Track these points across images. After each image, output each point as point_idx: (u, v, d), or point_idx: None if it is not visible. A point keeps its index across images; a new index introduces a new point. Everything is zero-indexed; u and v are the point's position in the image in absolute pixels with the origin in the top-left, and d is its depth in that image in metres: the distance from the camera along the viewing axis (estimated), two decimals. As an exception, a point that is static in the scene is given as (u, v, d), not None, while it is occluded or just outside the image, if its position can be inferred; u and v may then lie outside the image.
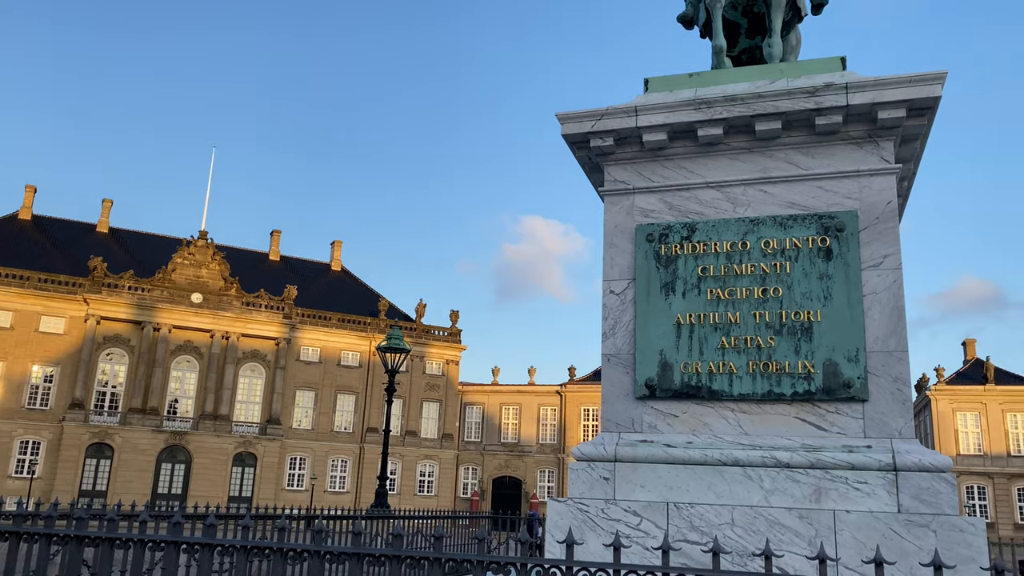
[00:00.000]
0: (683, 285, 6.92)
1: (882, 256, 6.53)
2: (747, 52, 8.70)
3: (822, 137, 6.83)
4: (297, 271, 79.08)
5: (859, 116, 6.64)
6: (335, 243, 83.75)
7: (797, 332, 6.53)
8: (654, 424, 6.77)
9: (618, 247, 7.28)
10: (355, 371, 72.29)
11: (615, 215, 7.36)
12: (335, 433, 70.78)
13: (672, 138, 7.17)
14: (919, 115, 6.58)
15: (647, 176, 7.34)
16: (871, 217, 6.61)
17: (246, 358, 68.09)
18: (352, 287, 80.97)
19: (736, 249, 6.84)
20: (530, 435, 76.21)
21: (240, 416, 67.29)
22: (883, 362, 6.34)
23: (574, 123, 7.38)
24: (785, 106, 6.72)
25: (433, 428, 74.67)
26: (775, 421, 6.48)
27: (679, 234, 7.04)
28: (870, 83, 6.50)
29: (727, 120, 6.91)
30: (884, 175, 6.67)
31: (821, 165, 6.85)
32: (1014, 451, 62.49)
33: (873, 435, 6.21)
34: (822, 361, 6.41)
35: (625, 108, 7.19)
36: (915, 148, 6.99)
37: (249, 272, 73.40)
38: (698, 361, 6.72)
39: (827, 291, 6.53)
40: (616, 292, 7.20)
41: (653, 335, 6.90)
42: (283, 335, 69.06)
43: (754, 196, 6.99)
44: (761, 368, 6.54)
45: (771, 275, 6.70)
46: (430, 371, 75.14)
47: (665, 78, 7.55)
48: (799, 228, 6.73)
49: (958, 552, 5.59)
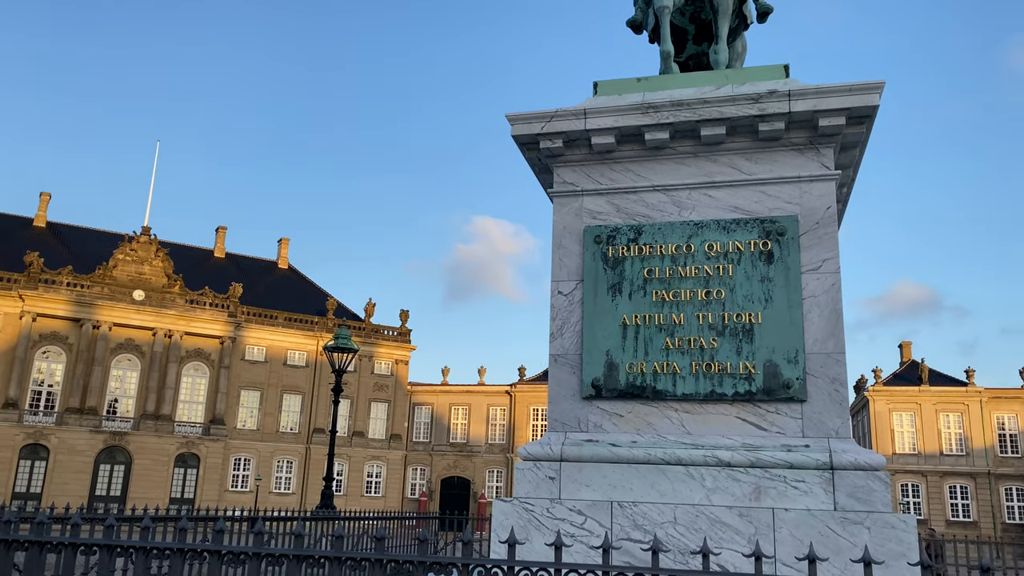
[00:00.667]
0: (629, 286, 7.00)
1: (821, 260, 6.70)
2: (694, 58, 8.87)
3: (765, 143, 6.98)
4: (243, 269, 77.68)
5: (801, 123, 6.81)
6: (282, 240, 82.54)
7: (739, 334, 6.66)
8: (600, 424, 6.83)
9: (566, 248, 7.33)
10: (302, 371, 71.33)
11: (564, 216, 7.41)
12: (281, 434, 69.74)
13: (620, 141, 7.25)
14: (858, 123, 6.77)
15: (595, 178, 7.40)
16: (811, 222, 6.78)
17: (189, 357, 66.66)
18: (299, 285, 79.87)
19: (681, 252, 6.94)
20: (479, 435, 76.17)
21: (183, 416, 65.85)
22: (821, 363, 6.50)
23: (524, 124, 7.41)
24: (730, 112, 6.85)
25: (381, 428, 74.09)
26: (717, 421, 6.59)
27: (626, 236, 7.12)
28: (811, 91, 6.67)
29: (673, 125, 7.02)
30: (824, 181, 6.84)
31: (763, 170, 7.00)
32: (946, 450, 64.64)
33: (811, 435, 6.37)
34: (763, 362, 6.55)
35: (574, 111, 7.25)
36: (854, 155, 7.19)
37: (193, 269, 71.84)
38: (643, 361, 6.80)
39: (768, 294, 6.68)
40: (564, 293, 7.25)
41: (600, 336, 6.96)
42: (228, 334, 67.78)
43: (699, 200, 7.11)
44: (704, 369, 6.65)
45: (714, 277, 6.82)
46: (379, 371, 74.54)
47: (614, 82, 7.63)
48: (742, 232, 6.86)
49: (890, 548, 5.76)
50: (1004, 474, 62.96)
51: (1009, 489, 62.90)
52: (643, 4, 8.73)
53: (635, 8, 8.87)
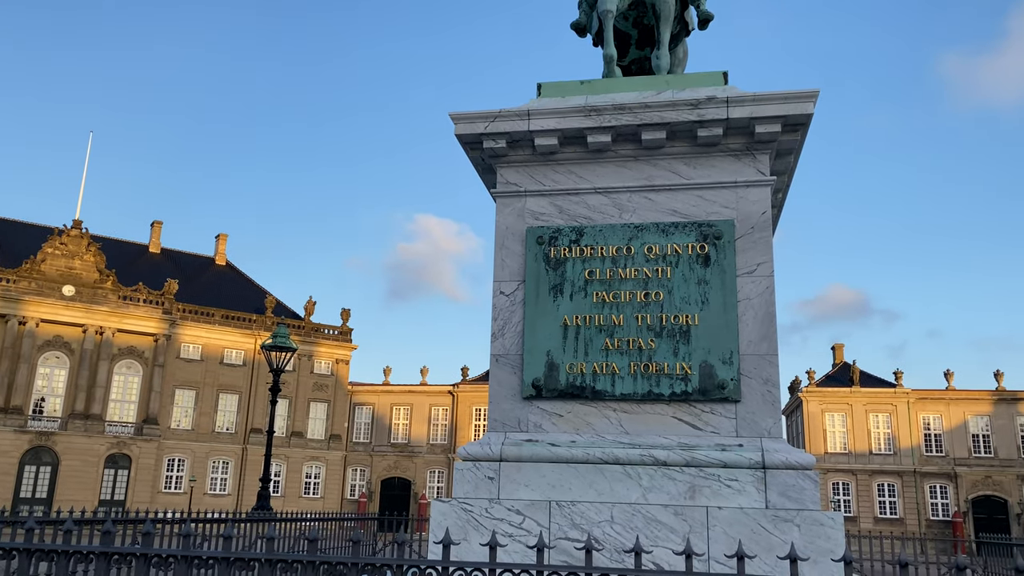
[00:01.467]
0: (571, 287, 7.05)
1: (756, 264, 6.85)
2: (637, 62, 8.98)
3: (703, 148, 7.10)
4: (179, 264, 75.76)
5: (738, 129, 6.95)
6: (220, 236, 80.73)
7: (676, 335, 6.76)
8: (540, 424, 6.86)
9: (509, 249, 7.34)
10: (239, 370, 69.90)
11: (507, 217, 7.42)
12: (216, 434, 68.21)
13: (563, 143, 7.29)
14: (793, 130, 6.95)
15: (538, 179, 7.43)
16: (747, 226, 6.93)
17: (122, 355, 64.70)
18: (238, 282, 78.25)
19: (621, 254, 7.02)
20: (421, 435, 75.76)
21: (114, 416, 63.87)
22: (755, 364, 6.65)
23: (467, 124, 7.39)
24: (670, 117, 6.96)
25: (320, 429, 73.08)
26: (654, 421, 6.68)
27: (568, 237, 7.17)
28: (749, 98, 6.82)
29: (615, 128, 7.09)
30: (759, 187, 7.00)
31: (701, 175, 7.13)
32: (875, 449, 66.79)
33: (745, 434, 6.50)
34: (699, 363, 6.67)
35: (518, 111, 7.26)
36: (789, 162, 7.37)
37: (127, 265, 69.76)
38: (583, 362, 6.85)
39: (705, 296, 6.80)
40: (506, 293, 7.26)
41: (541, 336, 6.99)
42: (162, 331, 66.01)
43: (639, 203, 7.20)
44: (642, 369, 6.73)
45: (653, 280, 6.92)
46: (319, 370, 73.51)
47: (557, 84, 7.67)
48: (680, 235, 6.98)
49: (818, 545, 5.92)
50: (929, 472, 65.36)
51: (933, 487, 65.33)
52: (587, 8, 8.81)
53: (579, 11, 8.95)
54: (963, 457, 65.16)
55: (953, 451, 65.47)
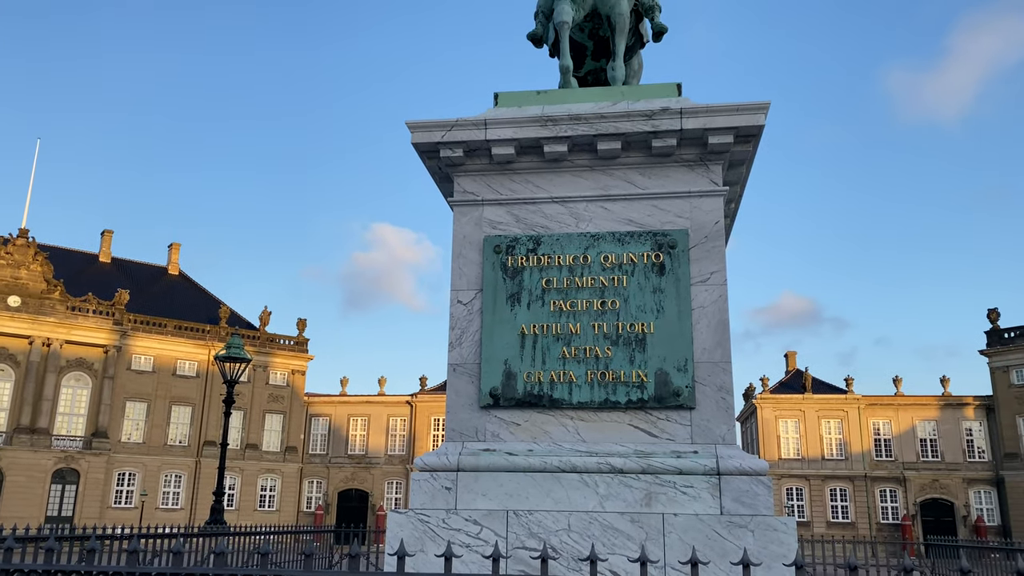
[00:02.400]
0: (528, 296, 7.07)
1: (709, 272, 6.95)
2: (593, 73, 9.08)
3: (658, 159, 7.19)
4: (131, 274, 74.12)
5: (691, 140, 7.06)
6: (173, 245, 79.22)
7: (632, 343, 6.82)
8: (497, 433, 6.85)
9: (466, 257, 7.34)
10: (192, 381, 68.55)
11: (464, 226, 7.42)
12: (169, 447, 66.74)
13: (520, 153, 7.32)
14: (745, 141, 7.08)
15: (496, 188, 7.44)
16: (700, 236, 7.03)
17: (70, 367, 63.02)
18: (191, 292, 76.83)
19: (578, 262, 7.07)
20: (379, 446, 75.07)
21: (62, 429, 62.11)
22: (709, 372, 6.73)
23: (424, 132, 7.38)
24: (625, 127, 7.04)
25: (276, 441, 71.97)
26: (611, 428, 6.72)
27: (525, 246, 7.19)
28: (702, 110, 6.93)
29: (571, 138, 7.15)
30: (713, 196, 7.11)
31: (656, 185, 7.22)
32: (827, 455, 68.01)
33: (699, 441, 6.58)
34: (654, 371, 6.73)
35: (475, 121, 7.27)
36: (741, 172, 7.50)
37: (76, 274, 68.04)
38: (540, 370, 6.87)
39: (660, 304, 6.87)
40: (464, 302, 7.25)
41: (498, 345, 6.99)
42: (113, 342, 64.47)
43: (595, 212, 7.25)
44: (599, 377, 6.77)
45: (609, 288, 6.97)
46: (274, 381, 72.44)
47: (514, 93, 7.71)
48: (635, 244, 7.05)
49: (772, 550, 6.00)
50: (879, 477, 66.76)
51: (883, 491, 66.73)
52: (544, 19, 8.89)
53: (536, 22, 9.02)
54: (912, 461, 66.70)
55: (902, 456, 67.00)
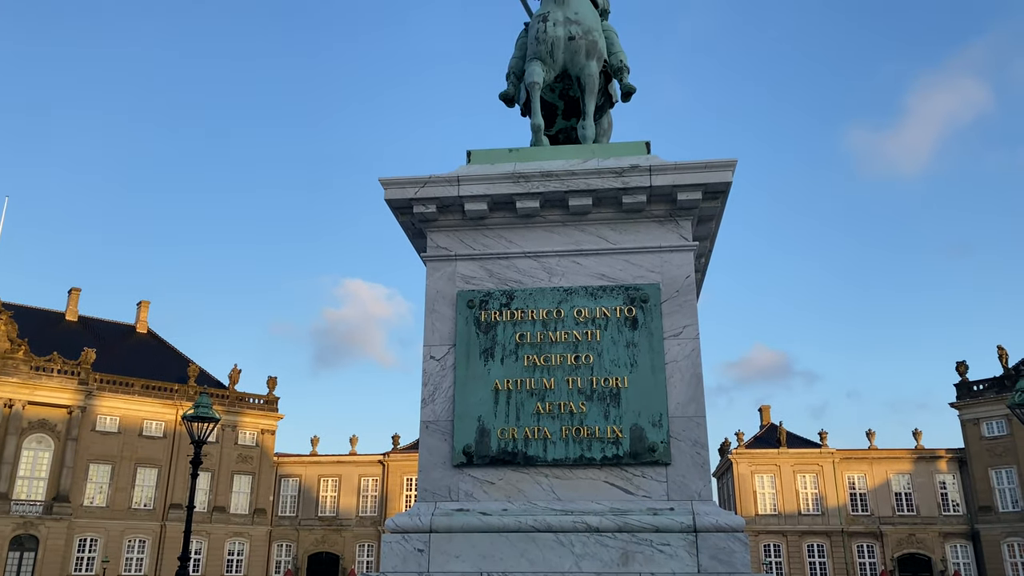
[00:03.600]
0: (502, 351, 7.04)
1: (682, 327, 6.99)
2: (564, 132, 9.28)
3: (629, 214, 7.29)
4: (98, 333, 72.82)
5: (661, 196, 7.17)
6: (142, 303, 78.20)
7: (606, 398, 6.79)
8: (471, 492, 6.74)
9: (439, 313, 7.32)
10: (159, 442, 66.93)
11: (437, 281, 7.42)
12: (133, 510, 64.73)
13: (493, 208, 7.38)
14: (713, 198, 7.21)
15: (469, 244, 7.48)
16: (672, 290, 7.09)
17: (32, 428, 61.29)
18: (159, 351, 75.58)
19: (551, 317, 7.08)
20: (350, 507, 73.45)
21: (21, 494, 60.05)
22: (684, 427, 6.71)
23: (397, 189, 7.43)
24: (596, 184, 7.15)
25: (244, 503, 70.13)
26: (586, 486, 6.64)
27: (498, 301, 7.19)
28: (671, 167, 7.07)
29: (544, 194, 7.23)
30: (683, 251, 7.20)
31: (628, 240, 7.30)
32: (804, 510, 67.71)
33: (676, 498, 6.51)
34: (629, 426, 6.69)
35: (448, 177, 7.34)
36: (711, 227, 7.62)
37: (41, 333, 66.68)
38: (515, 427, 6.80)
39: (633, 359, 6.88)
40: (437, 358, 7.20)
41: (472, 401, 6.93)
42: (77, 403, 62.95)
43: (568, 267, 7.30)
44: (574, 433, 6.71)
45: (583, 343, 6.97)
46: (243, 441, 70.93)
47: (487, 151, 7.82)
48: (608, 298, 7.08)
49: (750, 608, 5.91)
50: (856, 531, 66.47)
51: (860, 546, 66.36)
52: (515, 80, 9.10)
53: (508, 83, 9.23)
54: (887, 516, 66.58)
55: (878, 510, 66.89)
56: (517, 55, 9.18)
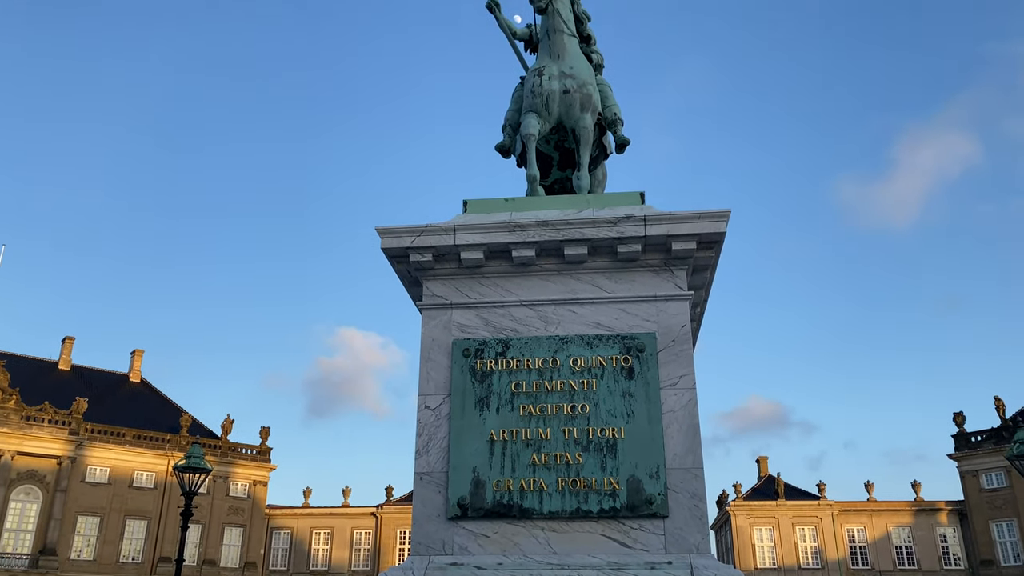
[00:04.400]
0: (497, 401, 7.00)
1: (679, 376, 6.96)
2: (559, 182, 9.40)
3: (624, 263, 7.33)
4: (90, 382, 72.27)
5: (656, 246, 7.22)
6: (136, 352, 77.78)
7: (603, 449, 6.73)
8: (465, 546, 6.63)
9: (435, 361, 7.29)
10: (149, 493, 65.90)
11: (432, 329, 7.41)
12: (121, 564, 63.39)
13: (488, 257, 7.41)
14: (708, 248, 7.26)
15: (464, 292, 7.49)
16: (668, 339, 7.08)
17: (21, 479, 60.35)
18: (152, 400, 74.94)
19: (547, 366, 7.05)
20: (342, 561, 72.05)
21: (7, 547, 58.85)
22: (681, 479, 6.63)
23: (393, 238, 7.47)
24: (591, 233, 7.20)
25: (235, 556, 68.76)
26: (583, 539, 6.53)
27: (494, 350, 7.17)
28: (665, 217, 7.13)
29: (539, 243, 7.27)
30: (678, 301, 7.22)
31: (623, 289, 7.32)
32: (803, 563, 66.58)
33: (673, 551, 6.40)
34: (626, 478, 6.62)
35: (444, 226, 7.39)
36: (706, 277, 7.65)
37: (33, 382, 66.12)
38: (510, 479, 6.72)
39: (630, 409, 6.83)
40: (431, 407, 7.15)
41: (467, 452, 6.86)
42: (67, 453, 62.12)
43: (564, 315, 7.30)
44: (570, 485, 6.63)
45: (579, 392, 6.94)
46: (234, 493, 69.87)
47: (483, 201, 7.89)
48: (604, 347, 7.07)
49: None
50: (857, 586, 65.31)
51: (862, 601, 65.17)
52: (511, 131, 9.26)
53: (504, 134, 9.37)
54: (888, 570, 65.49)
55: (879, 563, 65.80)
56: (513, 108, 9.35)
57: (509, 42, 9.71)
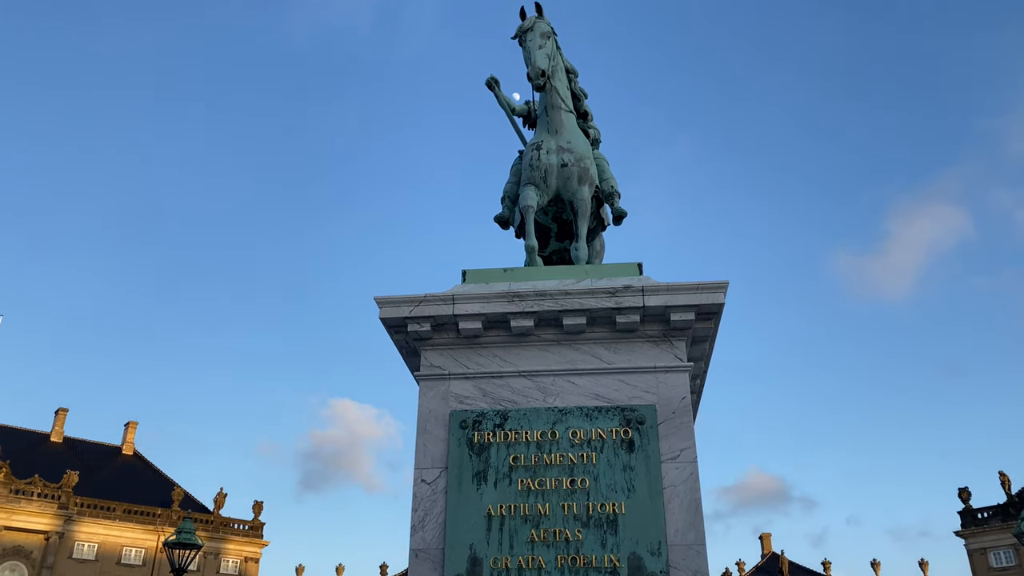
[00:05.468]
0: (495, 474, 6.87)
1: (679, 450, 6.85)
2: (557, 253, 9.49)
3: (623, 334, 7.30)
4: (82, 455, 71.18)
5: (655, 317, 7.21)
6: (129, 424, 76.87)
7: (603, 525, 6.57)
8: (461, 627, 6.40)
9: (432, 434, 7.19)
10: (137, 570, 64.10)
11: (430, 400, 7.33)
12: (105, 645, 61.27)
13: (487, 327, 7.39)
14: (707, 319, 7.24)
15: (463, 363, 7.44)
16: (668, 411, 7.00)
17: (6, 555, 58.81)
18: (144, 474, 73.66)
19: (546, 438, 6.95)
20: (334, 642, 69.70)
21: (-13, 626, 56.97)
22: (683, 555, 6.46)
23: (392, 308, 7.46)
24: (589, 304, 7.19)
25: (224, 637, 66.52)
26: (583, 619, 6.31)
27: (492, 421, 7.08)
28: (663, 288, 7.14)
29: (538, 313, 7.26)
30: (678, 372, 7.16)
31: (622, 360, 7.27)
32: (812, 647, 64.46)
33: (677, 631, 6.18)
34: (627, 555, 6.44)
35: (443, 296, 7.39)
36: (705, 348, 7.61)
37: (24, 455, 65.12)
38: (508, 556, 6.54)
39: (631, 483, 6.70)
40: (428, 481, 7.01)
41: (463, 528, 6.69)
42: (56, 528, 60.70)
43: (563, 387, 7.24)
44: (570, 563, 6.45)
45: (579, 466, 6.81)
46: (226, 570, 68.01)
47: (481, 271, 7.91)
48: (604, 419, 6.98)
49: None
50: (867, 671, 63.02)
51: None
52: (510, 203, 9.39)
53: (503, 206, 9.50)
54: (900, 653, 63.36)
55: (889, 646, 63.71)
56: (512, 180, 9.50)
57: (508, 117, 9.92)
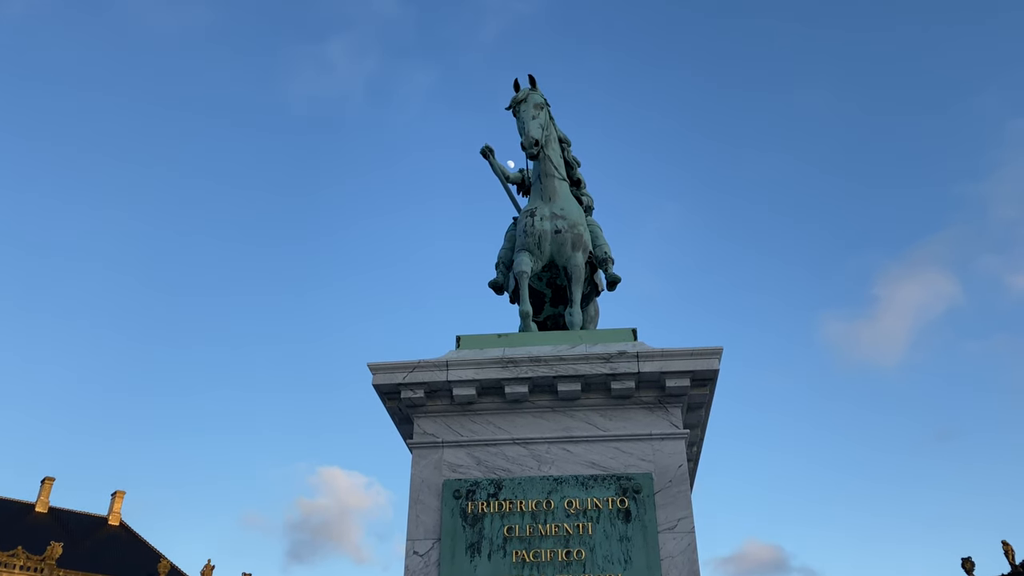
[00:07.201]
0: (489, 546, 6.71)
1: (677, 519, 6.72)
2: (551, 319, 9.49)
3: (618, 401, 7.24)
4: (67, 526, 69.51)
5: (650, 383, 7.16)
6: (116, 494, 75.32)
7: (600, 598, 6.39)
8: None
9: (424, 503, 7.05)
10: (120, 647, 62.02)
11: (423, 469, 7.21)
12: None
13: (481, 394, 7.33)
14: (702, 385, 7.20)
15: (456, 430, 7.35)
16: (664, 480, 6.89)
17: (-16, 631, 56.88)
18: (130, 545, 71.84)
19: (541, 508, 6.82)
20: None
21: None
22: (683, 632, 6.27)
23: (386, 374, 7.41)
24: (584, 369, 7.15)
25: None
26: None
27: (486, 491, 6.95)
28: (658, 354, 7.11)
29: (532, 379, 7.21)
30: (674, 439, 7.08)
31: (618, 427, 7.19)
32: None
33: None
34: (625, 629, 6.25)
35: (436, 362, 7.35)
36: (701, 415, 7.55)
37: (8, 526, 63.59)
38: (502, 633, 6.34)
39: (627, 554, 6.55)
40: (420, 553, 6.84)
41: (457, 601, 6.50)
42: (36, 603, 58.83)
43: (558, 454, 7.14)
44: (566, 638, 6.25)
45: (574, 536, 6.67)
46: (211, 646, 65.85)
47: (475, 336, 7.89)
48: (600, 488, 6.86)
49: None
50: None
51: None
52: (504, 269, 9.43)
53: (497, 272, 9.55)
54: None
55: None
56: (506, 246, 9.57)
57: (502, 185, 10.04)
